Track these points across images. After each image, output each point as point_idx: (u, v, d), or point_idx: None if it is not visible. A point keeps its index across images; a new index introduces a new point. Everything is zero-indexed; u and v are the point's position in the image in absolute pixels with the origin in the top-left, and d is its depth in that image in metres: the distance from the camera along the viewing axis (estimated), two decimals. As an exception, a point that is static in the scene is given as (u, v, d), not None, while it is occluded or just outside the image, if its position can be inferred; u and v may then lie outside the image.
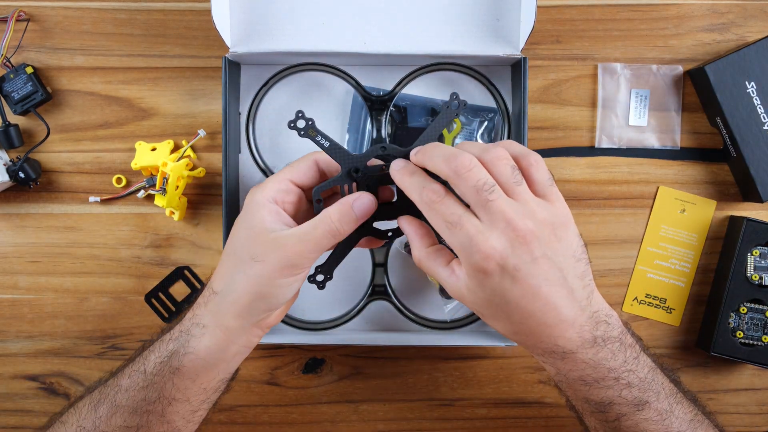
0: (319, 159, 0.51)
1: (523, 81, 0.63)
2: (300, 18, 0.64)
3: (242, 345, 0.49)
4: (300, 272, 0.47)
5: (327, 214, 0.47)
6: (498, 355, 0.69)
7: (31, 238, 0.68)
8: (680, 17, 0.69)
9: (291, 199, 0.49)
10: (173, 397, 0.48)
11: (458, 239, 0.42)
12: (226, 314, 0.48)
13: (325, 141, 0.49)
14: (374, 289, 0.66)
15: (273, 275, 0.46)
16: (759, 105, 0.65)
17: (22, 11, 0.67)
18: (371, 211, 0.48)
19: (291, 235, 0.46)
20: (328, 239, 0.47)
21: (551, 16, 0.69)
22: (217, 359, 0.48)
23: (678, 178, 0.69)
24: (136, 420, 0.48)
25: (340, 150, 0.49)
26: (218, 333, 0.48)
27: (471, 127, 0.67)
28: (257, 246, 0.46)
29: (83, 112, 0.68)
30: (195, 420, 0.51)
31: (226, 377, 0.51)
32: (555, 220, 0.44)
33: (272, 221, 0.47)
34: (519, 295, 0.42)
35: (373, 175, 0.49)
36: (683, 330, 0.70)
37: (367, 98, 0.65)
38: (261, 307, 0.48)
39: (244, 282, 0.47)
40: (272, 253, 0.46)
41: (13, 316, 0.68)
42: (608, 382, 0.45)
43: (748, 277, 0.66)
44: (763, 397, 0.70)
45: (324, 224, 0.47)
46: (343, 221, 0.47)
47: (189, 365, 0.48)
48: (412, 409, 0.69)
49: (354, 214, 0.47)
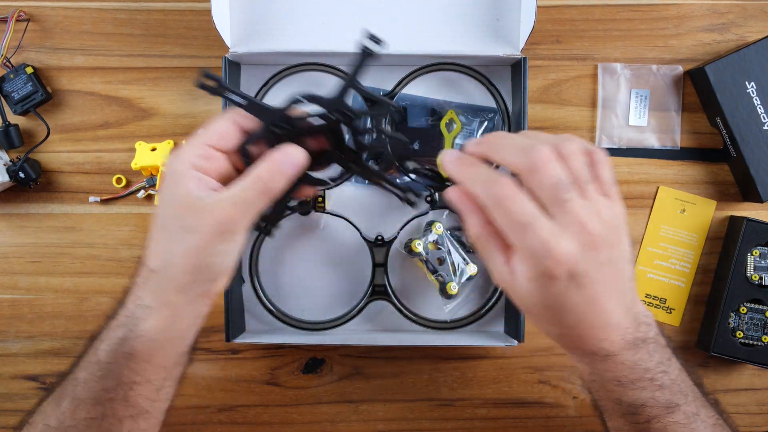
0: (236, 118, 0.47)
1: (523, 81, 0.63)
2: (300, 18, 0.64)
3: (192, 317, 0.48)
4: (237, 238, 0.45)
5: (256, 173, 0.45)
6: (498, 355, 0.69)
7: (31, 238, 0.68)
8: (680, 17, 0.69)
9: (213, 165, 0.46)
10: (132, 381, 0.47)
11: (529, 242, 0.40)
12: (168, 291, 0.46)
13: (239, 98, 0.46)
14: (374, 289, 0.66)
15: (209, 244, 0.44)
16: (759, 105, 0.65)
17: (22, 11, 0.67)
18: (301, 164, 0.46)
19: (221, 200, 0.44)
20: (260, 199, 0.45)
21: (551, 16, 0.69)
22: (168, 336, 0.47)
23: (678, 178, 0.69)
24: (99, 410, 0.47)
25: (258, 105, 0.47)
26: (164, 311, 0.46)
27: (471, 127, 0.67)
28: (187, 216, 0.44)
29: (83, 112, 0.68)
30: (161, 398, 0.49)
31: (184, 350, 0.50)
32: (617, 222, 0.43)
33: (197, 188, 0.44)
34: (581, 300, 0.41)
35: (298, 126, 0.47)
36: (683, 330, 0.70)
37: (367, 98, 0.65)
38: (202, 278, 0.46)
39: (180, 256, 0.44)
40: (204, 221, 0.43)
41: (13, 316, 0.68)
42: (643, 383, 0.45)
43: (748, 277, 0.66)
44: (763, 397, 0.70)
45: (254, 185, 0.44)
46: (273, 179, 0.45)
47: (141, 348, 0.46)
48: (412, 409, 0.69)
49: (284, 170, 0.45)
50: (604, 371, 0.45)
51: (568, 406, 0.69)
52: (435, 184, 0.66)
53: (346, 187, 0.68)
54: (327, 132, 0.48)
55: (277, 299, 0.67)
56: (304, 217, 0.68)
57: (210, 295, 0.48)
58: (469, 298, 0.68)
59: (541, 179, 0.40)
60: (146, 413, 0.49)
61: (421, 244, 0.65)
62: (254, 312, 0.68)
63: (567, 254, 0.39)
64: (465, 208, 0.44)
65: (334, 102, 0.47)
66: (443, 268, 0.65)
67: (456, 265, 0.65)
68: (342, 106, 0.47)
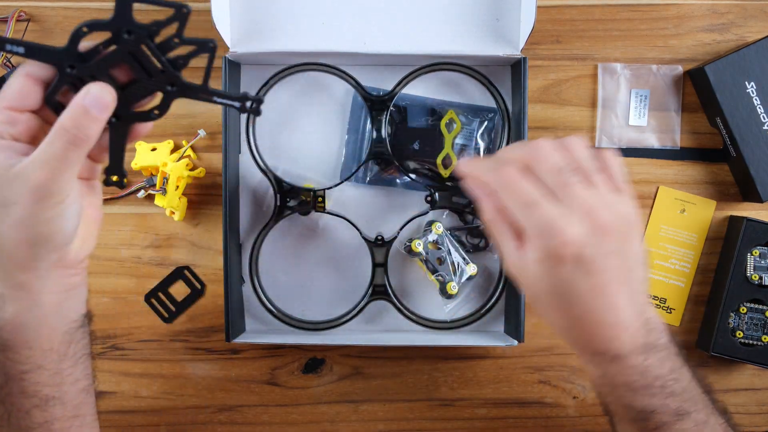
0: (30, 71, 0.42)
1: (523, 81, 0.63)
2: (300, 18, 0.64)
3: (57, 292, 0.44)
4: (62, 197, 0.40)
5: (59, 124, 0.40)
6: (498, 355, 0.69)
7: (31, 238, 0.68)
8: (680, 17, 0.69)
9: (20, 129, 0.42)
10: (21, 371, 0.44)
11: (536, 221, 0.40)
12: (11, 272, 0.42)
13: (17, 47, 0.41)
14: (374, 289, 0.66)
15: (33, 213, 0.40)
16: (759, 105, 0.65)
17: (22, 11, 0.67)
18: (109, 101, 0.41)
19: (30, 162, 0.39)
20: (72, 151, 0.40)
21: (551, 16, 0.69)
22: (35, 317, 0.44)
23: (678, 178, 0.69)
24: (2, 408, 0.45)
25: (41, 49, 0.42)
26: (16, 294, 0.43)
27: (471, 127, 0.67)
28: (2, 190, 0.40)
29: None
30: (68, 381, 0.47)
31: (71, 326, 0.46)
32: (630, 218, 0.43)
33: (6, 157, 0.40)
34: (587, 288, 0.41)
35: (95, 61, 0.42)
36: (683, 330, 0.70)
37: (367, 98, 0.65)
38: (45, 249, 0.42)
39: (8, 233, 0.41)
40: (19, 190, 0.39)
41: (13, 316, 0.68)
42: (654, 390, 0.44)
43: (747, 277, 0.66)
44: (763, 397, 0.70)
45: (60, 137, 0.39)
46: (81, 126, 0.40)
47: (11, 337, 0.44)
48: (412, 409, 0.69)
49: (90, 112, 0.40)
50: (615, 375, 0.44)
51: (568, 406, 0.69)
52: (435, 184, 0.67)
53: (346, 187, 0.68)
54: (126, 58, 0.42)
55: (277, 299, 0.67)
56: (304, 217, 0.68)
57: (67, 264, 0.44)
58: (469, 298, 0.68)
59: (543, 166, 0.41)
60: (53, 399, 0.46)
61: (421, 244, 0.65)
62: (254, 312, 0.68)
63: (573, 234, 0.40)
64: (479, 193, 0.44)
65: (118, 21, 0.41)
66: (443, 267, 0.65)
67: (456, 265, 0.65)
68: (130, 25, 0.41)
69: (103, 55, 0.42)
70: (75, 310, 0.47)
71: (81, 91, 0.40)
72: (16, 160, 0.40)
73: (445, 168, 0.67)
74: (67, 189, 0.41)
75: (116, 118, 0.43)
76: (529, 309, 0.69)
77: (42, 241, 0.41)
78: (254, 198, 0.68)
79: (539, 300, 0.44)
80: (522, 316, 0.63)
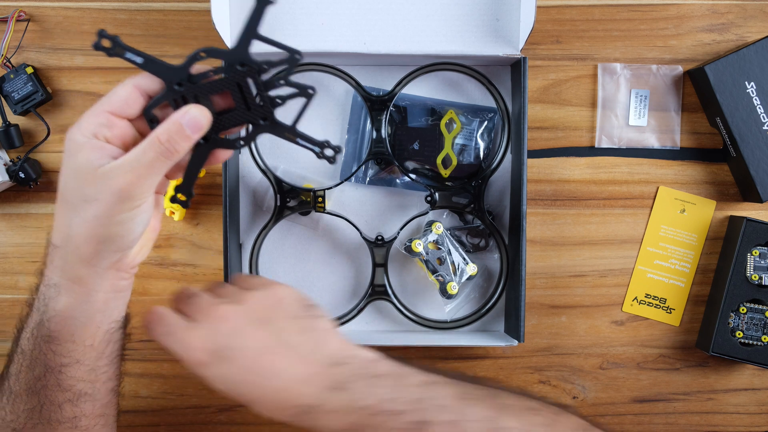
0: (139, 82, 0.45)
1: (522, 81, 0.63)
2: (300, 18, 0.64)
3: (108, 291, 0.46)
4: (139, 203, 0.43)
5: (155, 135, 0.43)
6: (498, 355, 0.69)
7: (31, 238, 0.68)
8: (680, 17, 0.69)
9: (115, 133, 0.44)
10: (61, 363, 0.46)
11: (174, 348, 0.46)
12: (74, 265, 0.44)
13: (137, 57, 0.44)
14: (374, 289, 0.66)
15: (110, 213, 0.42)
16: (759, 105, 0.65)
17: (22, 11, 0.67)
18: (204, 124, 0.44)
19: (119, 165, 0.42)
20: (161, 162, 0.43)
21: (551, 16, 0.69)
22: (85, 312, 0.46)
23: (678, 178, 0.69)
24: (36, 399, 0.46)
25: (158, 63, 0.45)
26: (73, 287, 0.45)
27: (471, 127, 0.67)
28: (87, 186, 0.43)
29: (83, 112, 0.68)
30: (101, 379, 0.48)
31: (112, 326, 0.48)
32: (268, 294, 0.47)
33: (98, 157, 0.42)
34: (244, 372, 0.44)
35: (201, 84, 0.45)
36: (683, 330, 0.70)
37: (367, 98, 0.65)
38: (110, 248, 0.44)
39: (82, 227, 0.43)
40: (103, 189, 0.42)
41: (14, 316, 0.68)
42: (376, 421, 0.43)
43: (747, 277, 0.66)
44: (763, 397, 0.70)
45: (153, 147, 0.43)
46: (173, 140, 0.43)
47: (58, 328, 0.45)
48: (412, 409, 0.69)
49: (185, 130, 0.43)
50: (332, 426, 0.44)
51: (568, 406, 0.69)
52: (435, 184, 0.67)
53: (346, 187, 0.68)
54: (232, 87, 0.45)
55: (277, 299, 0.67)
56: (304, 217, 0.68)
57: (123, 267, 0.46)
58: (469, 298, 0.68)
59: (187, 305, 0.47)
60: (86, 395, 0.47)
61: (422, 244, 0.65)
62: (254, 312, 0.68)
63: (199, 338, 0.45)
64: None
65: (235, 54, 0.45)
66: (443, 267, 0.66)
67: (456, 265, 0.65)
68: (244, 58, 0.45)
69: (210, 79, 0.45)
70: (119, 311, 0.49)
71: (181, 110, 0.44)
72: (105, 161, 0.43)
73: (445, 168, 0.67)
74: (146, 196, 0.44)
75: (204, 140, 0.46)
76: (529, 309, 0.69)
77: (110, 240, 0.44)
78: (254, 198, 0.68)
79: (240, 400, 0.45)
80: (522, 316, 0.63)
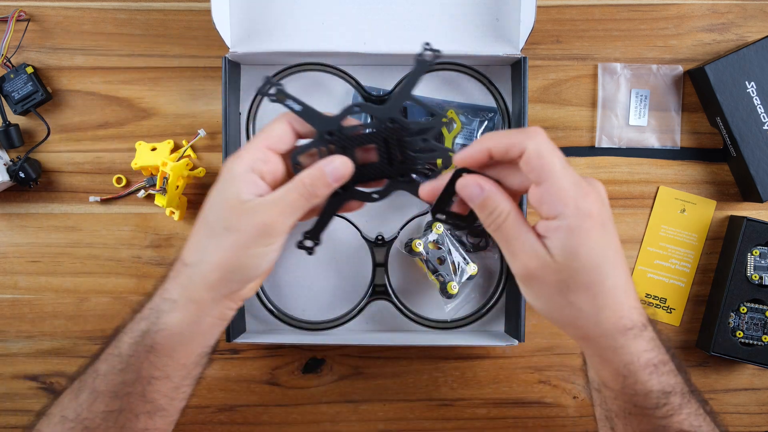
0: (292, 120, 0.49)
1: (523, 81, 0.63)
2: (300, 18, 0.64)
3: (216, 317, 0.48)
4: (275, 241, 0.46)
5: (300, 178, 0.46)
6: (498, 355, 0.69)
7: (31, 238, 0.68)
8: (680, 17, 0.69)
9: (269, 168, 0.47)
10: (152, 375, 0.47)
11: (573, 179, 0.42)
12: (198, 287, 0.47)
13: (296, 105, 0.48)
14: (374, 289, 0.66)
15: (248, 245, 0.45)
16: (759, 105, 0.65)
17: (22, 11, 0.67)
18: (346, 174, 0.47)
19: (264, 202, 0.45)
20: (301, 204, 0.46)
21: (551, 16, 0.69)
22: (191, 333, 0.47)
23: (678, 178, 0.69)
24: (117, 403, 0.47)
25: (314, 112, 0.48)
26: (189, 306, 0.47)
27: (471, 127, 0.67)
28: (231, 216, 0.45)
29: (83, 112, 0.68)
30: (179, 397, 0.50)
31: (205, 351, 0.50)
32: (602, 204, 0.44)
33: (248, 192, 0.46)
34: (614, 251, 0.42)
35: (350, 135, 0.48)
36: (683, 330, 0.70)
37: (367, 98, 0.65)
38: (235, 278, 0.47)
39: (218, 253, 0.46)
40: (246, 222, 0.45)
41: (14, 316, 0.68)
42: (668, 366, 0.45)
43: (748, 277, 0.66)
44: (763, 397, 0.70)
45: (297, 189, 0.46)
46: (316, 185, 0.46)
47: (163, 342, 0.47)
48: (412, 409, 0.69)
49: (327, 178, 0.46)
50: (640, 354, 0.44)
51: (568, 406, 0.69)
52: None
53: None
54: (378, 142, 0.48)
55: (277, 299, 0.67)
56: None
57: (236, 299, 0.49)
58: (469, 298, 0.68)
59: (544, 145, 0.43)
60: (163, 411, 0.49)
61: (422, 244, 0.65)
62: (254, 312, 0.68)
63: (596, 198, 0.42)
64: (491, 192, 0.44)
65: (387, 111, 0.48)
66: (444, 267, 0.65)
67: (456, 265, 0.65)
68: (395, 117, 0.48)
69: (359, 133, 0.48)
70: (215, 338, 0.51)
71: (327, 158, 0.47)
72: (253, 197, 0.46)
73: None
74: (282, 234, 0.46)
75: (342, 189, 0.48)
76: (529, 309, 0.69)
77: (238, 270, 0.46)
78: (254, 198, 0.68)
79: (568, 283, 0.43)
80: (522, 316, 0.63)
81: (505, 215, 0.44)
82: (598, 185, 0.44)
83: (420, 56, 0.48)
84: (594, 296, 0.43)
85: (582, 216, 0.41)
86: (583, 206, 0.41)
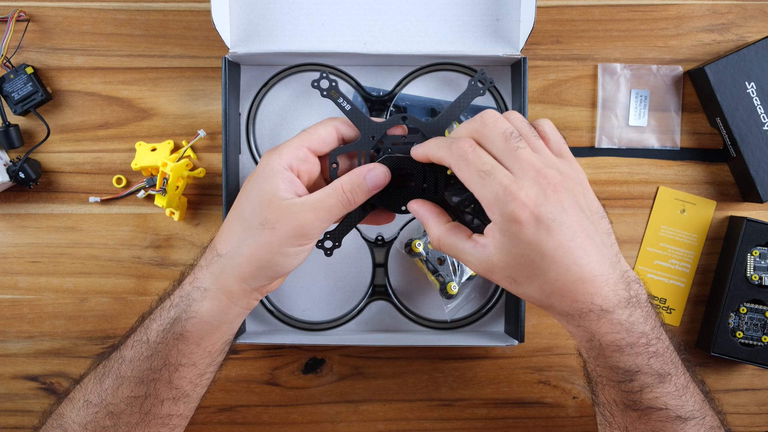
0: (338, 126, 0.50)
1: (523, 81, 0.63)
2: (300, 18, 0.64)
3: (242, 307, 0.50)
4: (309, 241, 0.48)
5: (339, 184, 0.47)
6: (498, 355, 0.69)
7: (31, 238, 0.68)
8: (680, 17, 0.69)
9: (307, 168, 0.48)
10: (179, 362, 0.48)
11: (492, 189, 0.42)
12: (229, 278, 0.48)
13: (346, 104, 0.48)
14: (374, 290, 0.66)
15: (282, 243, 0.46)
16: (759, 105, 0.65)
17: (22, 11, 0.67)
18: (383, 183, 0.48)
19: (303, 203, 0.46)
20: (339, 209, 0.47)
21: (551, 16, 0.69)
22: (219, 321, 0.49)
23: (678, 179, 0.69)
24: (143, 389, 0.48)
25: (361, 115, 0.49)
26: (220, 296, 0.48)
27: (471, 128, 0.67)
28: (269, 212, 0.46)
29: (83, 113, 0.68)
30: (202, 383, 0.51)
31: (230, 338, 0.52)
32: (577, 177, 0.45)
33: (286, 189, 0.47)
34: (555, 246, 0.41)
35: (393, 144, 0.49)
36: (683, 330, 0.70)
37: (367, 98, 0.65)
38: (266, 274, 0.48)
39: (252, 248, 0.47)
40: (283, 220, 0.46)
41: (13, 316, 0.68)
42: (639, 348, 0.44)
43: (747, 277, 0.66)
44: (763, 397, 0.70)
45: (336, 194, 0.47)
46: (354, 192, 0.47)
47: (192, 329, 0.48)
48: (412, 409, 0.69)
49: (366, 185, 0.47)
50: (604, 334, 0.44)
51: (568, 406, 0.69)
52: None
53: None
54: (417, 169, 0.49)
55: (277, 300, 0.67)
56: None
57: (263, 292, 0.50)
58: (469, 298, 0.68)
59: (492, 131, 0.44)
60: (186, 397, 0.50)
61: (422, 244, 0.65)
62: (254, 312, 0.68)
63: (527, 196, 0.41)
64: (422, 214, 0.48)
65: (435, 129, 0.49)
66: (443, 268, 0.66)
67: (456, 265, 0.65)
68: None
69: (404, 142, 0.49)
70: (238, 326, 0.52)
71: (367, 165, 0.48)
72: (291, 195, 0.47)
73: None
74: (316, 237, 0.48)
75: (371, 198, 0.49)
76: (529, 309, 0.69)
77: (270, 266, 0.47)
78: (254, 198, 0.68)
79: (512, 278, 0.44)
80: (522, 316, 0.63)
81: (437, 241, 0.47)
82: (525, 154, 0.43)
83: (473, 82, 0.49)
84: (539, 286, 0.43)
85: (508, 221, 0.42)
86: (507, 212, 0.42)
